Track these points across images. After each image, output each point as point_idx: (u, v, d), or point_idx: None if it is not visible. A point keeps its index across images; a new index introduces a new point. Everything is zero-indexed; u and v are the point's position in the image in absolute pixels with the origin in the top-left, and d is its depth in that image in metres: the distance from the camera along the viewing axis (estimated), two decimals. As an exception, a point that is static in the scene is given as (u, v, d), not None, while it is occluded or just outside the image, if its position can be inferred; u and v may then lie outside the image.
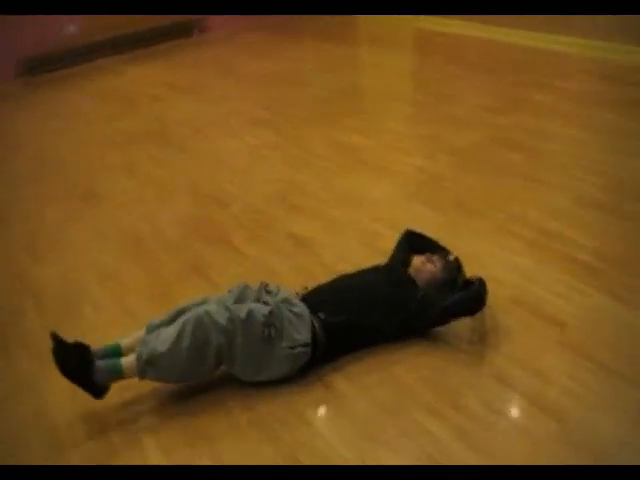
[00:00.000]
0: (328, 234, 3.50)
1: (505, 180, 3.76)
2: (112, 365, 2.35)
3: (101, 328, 2.99)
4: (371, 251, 3.23)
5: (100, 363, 2.34)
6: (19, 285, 3.44)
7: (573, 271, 2.88)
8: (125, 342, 2.49)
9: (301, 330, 2.43)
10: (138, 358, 2.32)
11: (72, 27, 7.69)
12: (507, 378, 2.36)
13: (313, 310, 2.51)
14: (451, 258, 2.79)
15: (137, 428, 2.38)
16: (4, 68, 7.52)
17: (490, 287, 2.70)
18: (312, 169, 4.29)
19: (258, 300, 2.50)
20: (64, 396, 2.54)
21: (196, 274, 3.31)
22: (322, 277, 2.88)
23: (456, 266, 2.76)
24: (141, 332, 2.48)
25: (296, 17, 8.68)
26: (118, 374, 2.36)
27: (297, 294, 2.65)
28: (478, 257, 3.06)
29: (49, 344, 2.35)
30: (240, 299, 2.50)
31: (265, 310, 2.39)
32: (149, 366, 2.32)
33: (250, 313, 2.35)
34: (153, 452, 2.27)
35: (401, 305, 2.54)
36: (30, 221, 4.11)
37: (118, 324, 3.01)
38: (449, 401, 2.31)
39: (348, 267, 2.99)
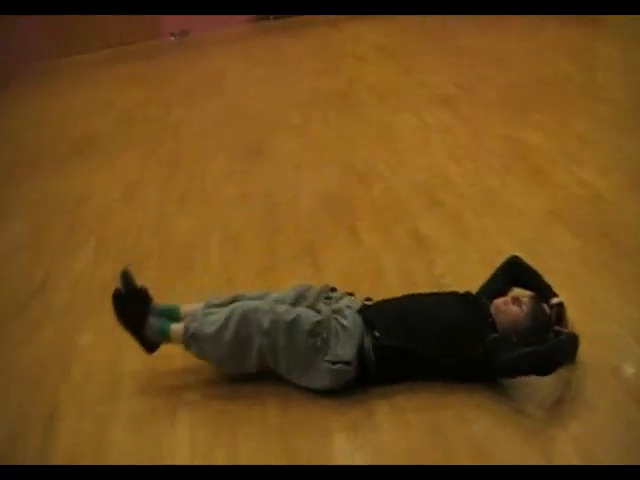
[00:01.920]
0: (453, 240, 3.18)
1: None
2: (163, 327, 2.37)
3: (200, 290, 3.05)
4: (489, 270, 2.84)
5: (153, 320, 2.36)
6: (156, 230, 3.63)
7: None
8: (185, 308, 2.48)
9: (345, 346, 2.23)
10: (185, 330, 2.31)
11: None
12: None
13: (369, 326, 2.29)
14: (554, 302, 2.36)
15: (179, 400, 2.40)
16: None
17: (595, 348, 2.29)
18: (473, 163, 3.91)
19: (312, 306, 2.35)
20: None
21: (308, 255, 3.21)
22: (421, 288, 2.64)
23: (555, 314, 2.33)
24: (200, 305, 2.45)
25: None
26: (165, 337, 2.37)
27: (363, 303, 2.44)
28: (598, 307, 2.56)
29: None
30: (298, 300, 2.37)
31: (314, 319, 2.24)
32: (193, 341, 2.30)
33: (296, 319, 2.22)
34: (181, 428, 2.28)
35: (466, 345, 2.20)
36: (193, 173, 4.29)
37: (216, 289, 3.04)
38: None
39: (453, 283, 2.73)
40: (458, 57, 5.91)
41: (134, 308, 2.36)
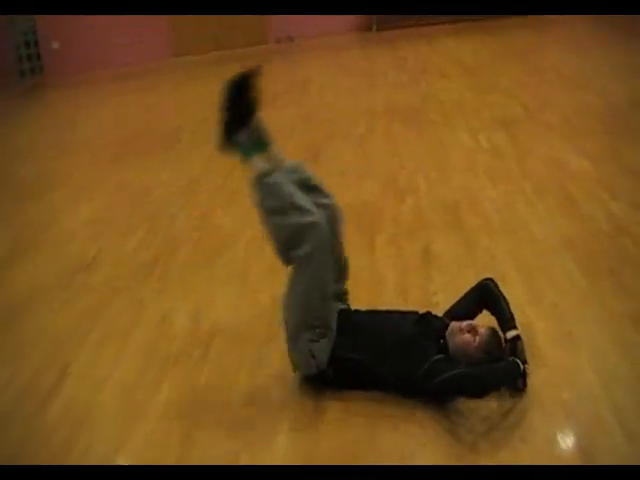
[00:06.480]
0: (459, 262, 3.12)
1: None
2: (250, 150, 2.24)
3: (219, 280, 3.24)
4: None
5: (248, 133, 2.24)
6: (200, 222, 3.86)
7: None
8: (275, 151, 2.32)
9: (326, 349, 2.31)
10: (264, 174, 2.20)
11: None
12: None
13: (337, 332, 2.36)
14: (509, 335, 2.30)
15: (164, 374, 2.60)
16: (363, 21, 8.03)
17: (552, 380, 2.28)
18: (509, 186, 3.82)
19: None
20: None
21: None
22: (412, 304, 2.69)
23: (509, 347, 2.27)
24: (288, 161, 2.35)
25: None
26: (246, 157, 2.25)
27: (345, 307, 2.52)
28: (570, 340, 2.46)
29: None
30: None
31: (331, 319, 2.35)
32: (264, 189, 2.20)
33: (324, 305, 2.32)
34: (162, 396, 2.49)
35: (409, 362, 2.22)
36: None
37: (233, 280, 3.22)
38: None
39: (443, 302, 2.73)
40: (536, 78, 5.73)
41: (244, 103, 2.24)
